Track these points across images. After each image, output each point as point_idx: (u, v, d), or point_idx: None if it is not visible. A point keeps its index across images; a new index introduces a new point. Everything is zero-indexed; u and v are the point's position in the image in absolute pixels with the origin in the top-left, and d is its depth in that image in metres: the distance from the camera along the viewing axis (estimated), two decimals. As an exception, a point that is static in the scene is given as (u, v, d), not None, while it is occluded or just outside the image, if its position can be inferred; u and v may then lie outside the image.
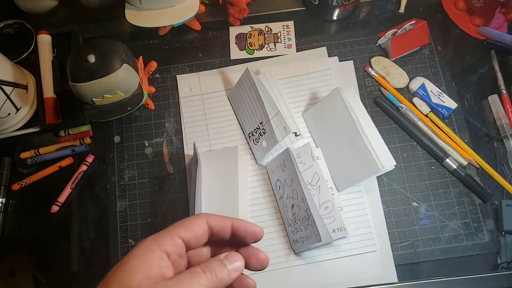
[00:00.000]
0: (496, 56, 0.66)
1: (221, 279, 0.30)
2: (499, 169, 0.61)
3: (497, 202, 0.59)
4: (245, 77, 0.61)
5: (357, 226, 0.57)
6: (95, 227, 0.60)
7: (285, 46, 0.68)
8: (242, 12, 0.68)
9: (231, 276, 0.30)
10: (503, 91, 0.64)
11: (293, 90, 0.65)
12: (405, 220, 0.58)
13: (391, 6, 0.71)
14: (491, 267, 0.56)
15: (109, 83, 0.52)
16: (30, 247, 0.60)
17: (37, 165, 0.63)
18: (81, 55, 0.51)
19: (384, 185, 0.60)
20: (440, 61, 0.66)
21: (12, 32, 0.70)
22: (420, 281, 0.55)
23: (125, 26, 0.70)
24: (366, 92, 0.65)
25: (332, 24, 0.70)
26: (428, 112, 0.63)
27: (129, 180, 0.62)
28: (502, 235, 0.57)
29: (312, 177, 0.57)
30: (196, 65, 0.68)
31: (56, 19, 0.73)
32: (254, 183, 0.61)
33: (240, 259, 0.32)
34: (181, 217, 0.31)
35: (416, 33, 0.65)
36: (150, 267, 0.28)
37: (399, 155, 0.61)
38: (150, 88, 0.65)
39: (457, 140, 0.61)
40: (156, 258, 0.29)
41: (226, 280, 0.30)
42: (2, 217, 0.61)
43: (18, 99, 0.61)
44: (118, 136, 0.64)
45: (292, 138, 0.61)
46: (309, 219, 0.52)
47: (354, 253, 0.56)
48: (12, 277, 0.58)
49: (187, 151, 0.63)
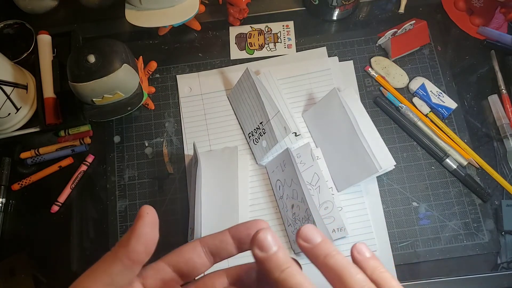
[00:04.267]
0: (496, 56, 0.66)
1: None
2: (499, 169, 0.61)
3: (497, 202, 0.59)
4: (245, 77, 0.61)
5: (357, 226, 0.57)
6: (95, 227, 0.60)
7: (285, 46, 0.68)
8: (242, 12, 0.68)
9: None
10: (503, 91, 0.64)
11: (293, 90, 0.65)
12: (405, 220, 0.58)
13: (391, 6, 0.71)
14: (491, 267, 0.56)
15: (109, 83, 0.52)
16: (30, 247, 0.60)
17: (37, 165, 0.63)
18: (81, 55, 0.51)
19: (384, 185, 0.60)
20: (440, 61, 0.66)
21: (12, 32, 0.70)
22: (420, 281, 0.55)
23: (125, 26, 0.70)
24: (366, 92, 0.65)
25: (332, 24, 0.70)
26: (428, 112, 0.63)
27: (129, 180, 0.62)
28: (502, 235, 0.57)
29: (312, 177, 0.57)
30: (196, 65, 0.68)
31: (56, 19, 0.73)
32: (254, 183, 0.61)
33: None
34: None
35: (416, 33, 0.65)
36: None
37: (399, 155, 0.61)
38: (150, 88, 0.65)
39: (457, 140, 0.61)
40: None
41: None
42: (2, 217, 0.61)
43: (18, 99, 0.61)
44: (118, 136, 0.64)
45: (292, 138, 0.61)
46: (309, 219, 0.52)
47: (354, 253, 0.56)
48: (12, 277, 0.58)
49: (187, 151, 0.63)
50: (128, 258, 0.26)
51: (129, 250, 0.26)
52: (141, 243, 0.26)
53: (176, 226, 0.59)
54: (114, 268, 0.26)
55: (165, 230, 0.59)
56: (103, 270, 0.26)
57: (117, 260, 0.26)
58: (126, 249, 0.26)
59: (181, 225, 0.59)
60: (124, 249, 0.26)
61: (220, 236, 0.28)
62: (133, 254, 0.26)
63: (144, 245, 0.26)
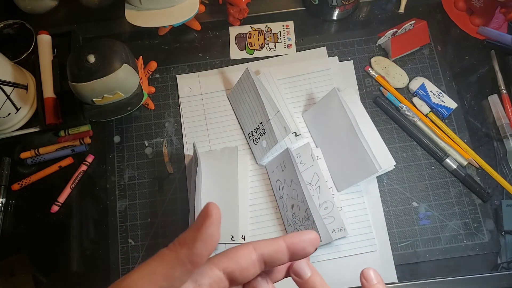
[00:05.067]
0: (496, 56, 0.66)
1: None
2: (499, 169, 0.61)
3: (497, 202, 0.59)
4: (245, 77, 0.61)
5: (357, 226, 0.57)
6: (95, 227, 0.60)
7: (285, 46, 0.68)
8: (242, 12, 0.68)
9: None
10: (503, 91, 0.64)
11: (293, 90, 0.65)
12: (405, 220, 0.58)
13: (391, 6, 0.71)
14: (491, 267, 0.56)
15: (109, 83, 0.52)
16: (30, 247, 0.60)
17: (37, 165, 0.63)
18: (81, 55, 0.51)
19: (384, 185, 0.60)
20: (440, 61, 0.66)
21: (12, 32, 0.70)
22: (420, 281, 0.55)
23: (125, 26, 0.70)
24: (366, 92, 0.65)
25: (332, 24, 0.70)
26: (428, 112, 0.63)
27: (129, 180, 0.62)
28: (502, 235, 0.57)
29: (312, 177, 0.57)
30: (196, 65, 0.68)
31: (56, 19, 0.73)
32: (254, 183, 0.61)
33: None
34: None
35: (416, 33, 0.65)
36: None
37: (399, 155, 0.61)
38: (150, 88, 0.65)
39: (457, 140, 0.61)
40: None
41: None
42: (2, 217, 0.61)
43: (18, 99, 0.61)
44: (118, 136, 0.64)
45: (292, 138, 0.61)
46: (309, 219, 0.52)
47: (354, 253, 0.56)
48: (12, 277, 0.58)
49: (187, 151, 0.63)
50: (191, 262, 0.23)
51: (194, 253, 0.23)
52: (208, 246, 0.23)
53: (176, 226, 0.59)
54: (176, 271, 0.23)
55: (165, 231, 0.59)
56: (163, 272, 0.23)
57: (179, 263, 0.23)
58: (191, 252, 0.23)
59: (181, 225, 0.59)
60: (188, 251, 0.23)
61: (275, 246, 0.27)
62: (197, 258, 0.23)
63: (210, 248, 0.24)
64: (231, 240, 0.55)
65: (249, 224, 0.58)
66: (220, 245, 0.57)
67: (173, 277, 0.23)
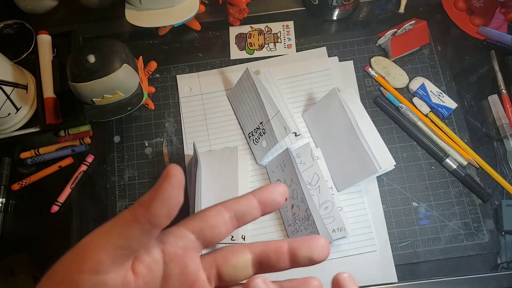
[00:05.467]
0: (496, 56, 0.66)
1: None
2: (499, 169, 0.61)
3: (497, 202, 0.59)
4: (245, 77, 0.61)
5: (357, 226, 0.57)
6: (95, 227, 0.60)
7: (285, 46, 0.68)
8: (242, 12, 0.68)
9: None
10: (503, 91, 0.64)
11: (293, 90, 0.65)
12: (405, 220, 0.58)
13: (391, 6, 0.71)
14: (491, 267, 0.56)
15: (109, 83, 0.52)
16: (30, 247, 0.60)
17: (37, 165, 0.63)
18: (81, 55, 0.51)
19: (384, 185, 0.60)
20: (440, 61, 0.66)
21: (12, 32, 0.70)
22: (420, 281, 0.55)
23: (125, 26, 0.70)
24: (366, 92, 0.65)
25: (332, 24, 0.70)
26: (428, 112, 0.63)
27: (129, 180, 0.62)
28: (502, 235, 0.57)
29: (312, 177, 0.57)
30: (196, 65, 0.68)
31: (56, 19, 0.73)
32: (254, 183, 0.61)
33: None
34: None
35: (416, 33, 0.65)
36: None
37: (399, 155, 0.61)
38: (150, 88, 0.65)
39: (457, 140, 0.61)
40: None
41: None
42: (2, 217, 0.61)
43: (18, 99, 0.61)
44: (118, 136, 0.64)
45: (292, 138, 0.61)
46: (309, 219, 0.52)
47: (354, 253, 0.56)
48: (12, 277, 0.58)
49: (187, 151, 0.63)
50: (149, 222, 0.23)
51: (151, 213, 0.23)
52: (165, 206, 0.24)
53: (176, 226, 0.59)
54: (132, 231, 0.23)
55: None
56: (119, 232, 0.23)
57: (136, 222, 0.23)
58: (148, 212, 0.23)
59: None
60: (146, 211, 0.23)
61: (245, 201, 0.27)
62: (154, 218, 0.23)
63: (168, 209, 0.24)
64: (231, 240, 0.55)
65: (249, 224, 0.58)
66: (219, 245, 0.57)
67: (130, 236, 0.23)
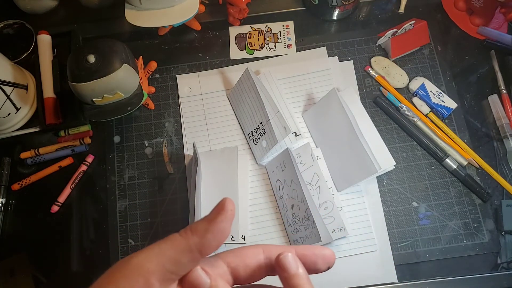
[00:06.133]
0: (496, 56, 0.66)
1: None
2: (499, 169, 0.61)
3: (497, 202, 0.59)
4: (245, 77, 0.61)
5: (357, 226, 0.57)
6: (95, 227, 0.60)
7: (285, 46, 0.68)
8: (242, 12, 0.68)
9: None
10: (503, 91, 0.64)
11: (293, 90, 0.65)
12: (405, 220, 0.58)
13: (391, 6, 0.71)
14: (491, 267, 0.56)
15: (109, 83, 0.52)
16: (30, 247, 0.60)
17: (37, 165, 0.63)
18: (81, 55, 0.51)
19: (384, 185, 0.60)
20: (440, 61, 0.66)
21: (12, 32, 0.70)
22: (420, 281, 0.55)
23: (125, 26, 0.70)
24: (366, 92, 0.65)
25: (332, 24, 0.70)
26: (428, 112, 0.63)
27: (129, 180, 0.62)
28: (502, 235, 0.57)
29: (312, 177, 0.57)
30: (196, 65, 0.68)
31: (56, 19, 0.73)
32: (254, 183, 0.61)
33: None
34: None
35: (416, 33, 0.65)
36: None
37: (399, 155, 0.61)
38: (150, 88, 0.65)
39: (457, 140, 0.61)
40: None
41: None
42: (2, 217, 0.61)
43: (18, 99, 0.61)
44: (118, 136, 0.64)
45: (292, 138, 0.61)
46: (309, 219, 0.52)
47: (354, 253, 0.56)
48: (12, 277, 0.58)
49: (187, 151, 0.63)
50: (199, 251, 0.24)
51: (203, 242, 0.24)
52: (217, 238, 0.24)
53: (176, 226, 0.59)
54: (184, 257, 0.24)
55: (165, 231, 0.59)
56: (171, 256, 0.24)
57: (188, 249, 0.24)
58: (201, 241, 0.24)
59: (181, 225, 0.58)
60: (199, 240, 0.24)
61: (282, 250, 0.26)
62: (205, 248, 0.24)
63: (219, 241, 0.24)
64: (231, 240, 0.55)
65: (249, 224, 0.58)
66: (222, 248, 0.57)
67: (180, 262, 0.24)
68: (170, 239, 0.25)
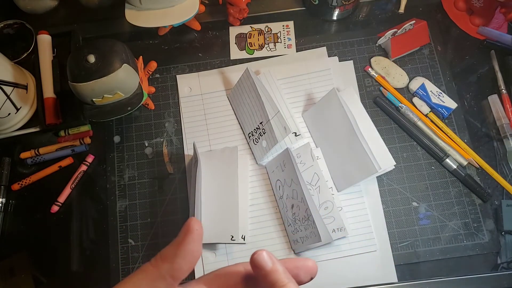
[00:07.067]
0: (496, 56, 0.66)
1: None
2: (499, 169, 0.61)
3: (497, 202, 0.59)
4: (245, 77, 0.61)
5: (357, 226, 0.57)
6: (95, 227, 0.60)
7: (285, 46, 0.68)
8: (242, 12, 0.68)
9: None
10: (503, 91, 0.64)
11: (293, 90, 0.65)
12: (405, 220, 0.58)
13: (391, 6, 0.71)
14: (491, 267, 0.56)
15: (109, 83, 0.52)
16: (30, 247, 0.60)
17: (37, 165, 0.63)
18: (81, 55, 0.51)
19: (384, 185, 0.60)
20: (440, 61, 0.66)
21: (12, 32, 0.70)
22: (420, 281, 0.55)
23: (125, 26, 0.70)
24: (366, 92, 0.65)
25: (332, 24, 0.70)
26: (428, 112, 0.63)
27: (129, 180, 0.62)
28: (502, 235, 0.57)
29: (312, 177, 0.57)
30: (196, 65, 0.68)
31: (56, 19, 0.73)
32: (254, 183, 0.61)
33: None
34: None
35: (416, 33, 0.65)
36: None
37: (399, 155, 0.61)
38: (150, 88, 0.65)
39: (457, 140, 0.61)
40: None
41: None
42: (2, 217, 0.61)
43: (18, 99, 0.61)
44: (118, 136, 0.64)
45: (292, 138, 0.61)
46: (309, 219, 0.52)
47: (354, 253, 0.56)
48: (12, 277, 0.58)
49: (187, 151, 0.63)
50: (172, 277, 0.24)
51: (174, 268, 0.24)
52: (188, 261, 0.24)
53: (176, 226, 0.59)
54: (158, 286, 0.24)
55: (165, 230, 0.59)
56: (145, 286, 0.24)
57: (161, 277, 0.24)
58: (171, 266, 0.24)
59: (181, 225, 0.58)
60: (169, 266, 0.24)
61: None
62: (177, 273, 0.24)
63: (190, 263, 0.24)
64: (231, 240, 0.55)
65: (249, 224, 0.58)
66: (220, 245, 0.57)
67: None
68: (142, 270, 0.25)
